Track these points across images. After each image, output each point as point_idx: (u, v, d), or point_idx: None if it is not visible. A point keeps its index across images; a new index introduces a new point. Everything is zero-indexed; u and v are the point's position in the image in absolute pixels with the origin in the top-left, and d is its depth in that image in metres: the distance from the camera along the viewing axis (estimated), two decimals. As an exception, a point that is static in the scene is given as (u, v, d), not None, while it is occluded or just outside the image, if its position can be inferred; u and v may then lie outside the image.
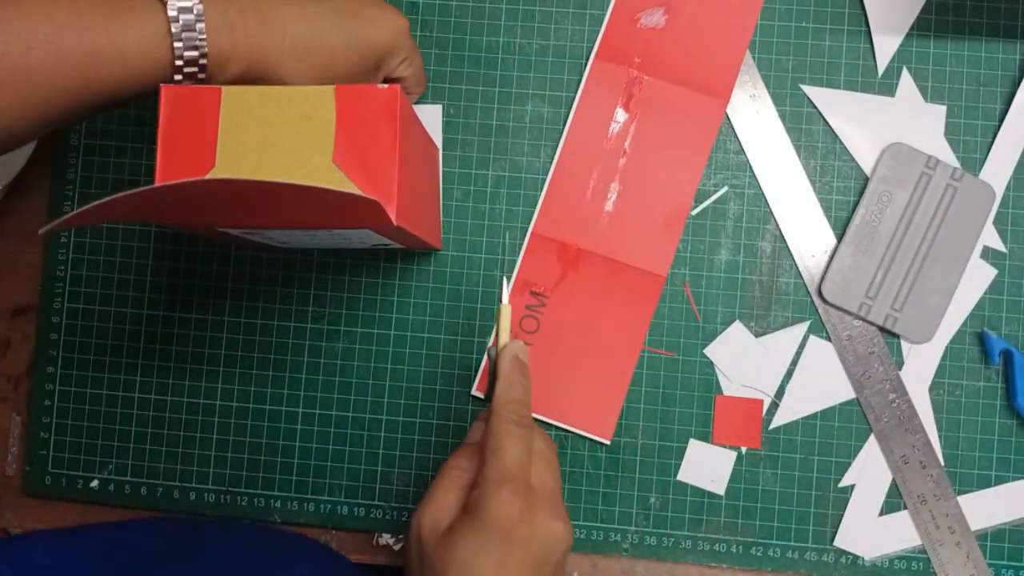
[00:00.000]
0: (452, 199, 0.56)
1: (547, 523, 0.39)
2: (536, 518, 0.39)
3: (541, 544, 0.39)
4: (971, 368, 0.54)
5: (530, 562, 0.38)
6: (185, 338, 0.57)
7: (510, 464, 0.39)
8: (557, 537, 0.39)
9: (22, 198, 0.58)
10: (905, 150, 0.53)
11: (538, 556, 0.39)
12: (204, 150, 0.40)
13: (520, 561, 0.38)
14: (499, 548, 0.38)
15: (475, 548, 0.38)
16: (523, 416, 0.42)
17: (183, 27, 0.39)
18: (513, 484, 0.39)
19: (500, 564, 0.38)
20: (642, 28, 0.55)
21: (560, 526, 0.40)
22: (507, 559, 0.38)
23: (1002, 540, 0.53)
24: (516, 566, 0.38)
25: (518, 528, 0.38)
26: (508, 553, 0.38)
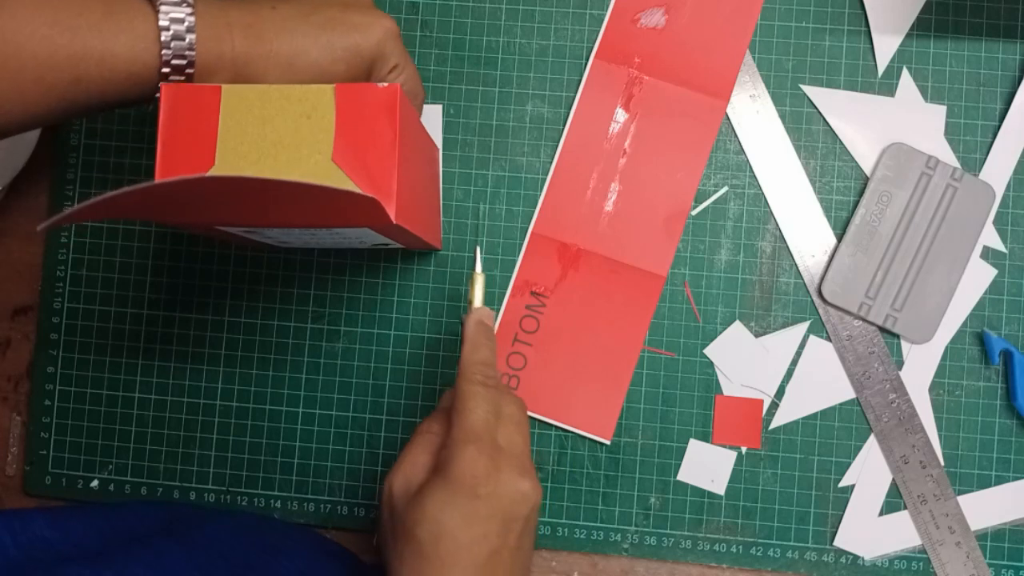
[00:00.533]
0: (452, 199, 0.56)
1: (513, 480, 0.40)
2: (502, 475, 0.40)
3: (508, 500, 0.40)
4: (971, 368, 0.54)
5: (497, 517, 0.40)
6: (185, 338, 0.57)
7: (476, 423, 0.41)
8: (524, 494, 0.41)
9: (22, 198, 0.58)
10: (905, 150, 0.53)
11: (505, 512, 0.40)
12: (204, 149, 0.40)
13: (487, 516, 0.40)
14: (465, 504, 0.39)
15: (442, 504, 0.39)
16: (489, 377, 0.44)
17: (173, 36, 0.40)
18: (479, 442, 0.40)
19: (466, 519, 0.39)
20: (642, 28, 0.55)
21: (527, 484, 0.41)
22: (473, 514, 0.39)
23: (1002, 540, 0.53)
24: (483, 521, 0.40)
25: (484, 484, 0.40)
26: (474, 508, 0.39)
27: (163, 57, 0.40)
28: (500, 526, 0.40)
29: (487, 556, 0.40)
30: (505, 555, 0.40)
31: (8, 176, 0.55)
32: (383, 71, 0.48)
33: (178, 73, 0.41)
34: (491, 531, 0.40)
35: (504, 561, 0.40)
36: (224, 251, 0.57)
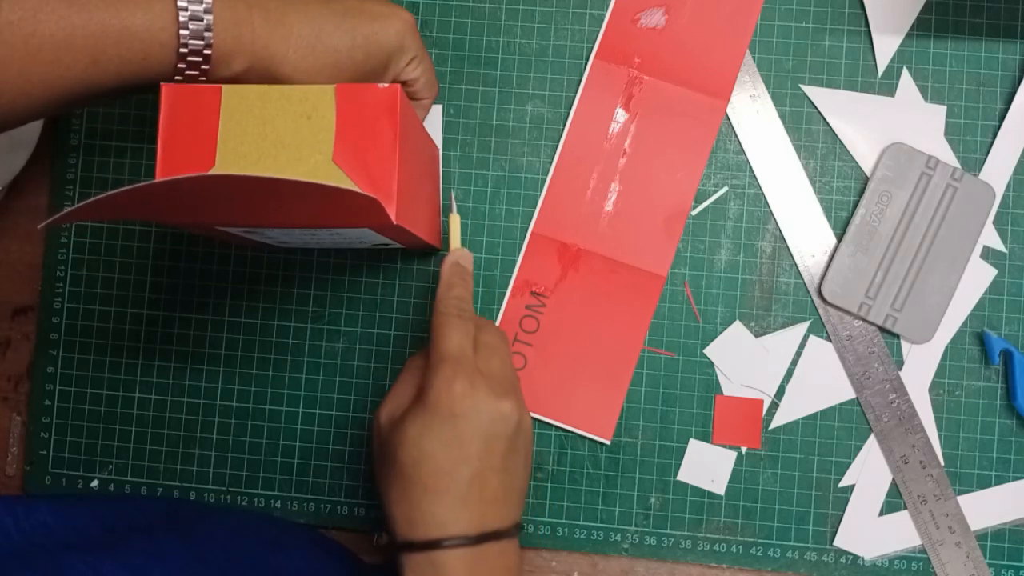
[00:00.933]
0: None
1: (491, 400, 0.41)
2: (479, 395, 0.41)
3: (487, 420, 0.41)
4: (971, 368, 0.54)
5: (477, 436, 0.40)
6: (185, 338, 0.57)
7: (451, 348, 0.42)
8: (503, 413, 0.41)
9: (22, 198, 0.58)
10: (905, 150, 0.54)
11: (485, 432, 0.41)
12: (204, 149, 0.40)
13: (468, 436, 0.40)
14: (444, 425, 0.40)
15: (422, 428, 0.40)
16: (463, 309, 0.44)
17: (191, 16, 0.40)
18: (454, 364, 0.41)
19: (445, 441, 0.40)
20: (642, 28, 0.55)
21: (507, 404, 0.41)
22: (452, 436, 0.40)
23: (1002, 540, 0.53)
24: (463, 442, 0.40)
25: (461, 404, 0.40)
26: (453, 429, 0.40)
27: (181, 37, 0.40)
28: (481, 447, 0.40)
29: (470, 478, 0.40)
30: (490, 477, 0.41)
31: (8, 176, 0.55)
32: (401, 63, 0.48)
33: (196, 55, 0.40)
34: (471, 452, 0.40)
35: (489, 483, 0.41)
36: (224, 251, 0.57)
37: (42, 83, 0.38)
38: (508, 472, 0.42)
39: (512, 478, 0.42)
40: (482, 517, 0.41)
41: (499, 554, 0.41)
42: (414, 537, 0.40)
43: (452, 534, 0.40)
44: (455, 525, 0.40)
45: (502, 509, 0.42)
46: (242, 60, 0.42)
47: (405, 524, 0.41)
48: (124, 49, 0.39)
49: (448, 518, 0.40)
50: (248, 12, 0.42)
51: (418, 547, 0.40)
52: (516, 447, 0.42)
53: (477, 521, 0.40)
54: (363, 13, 0.46)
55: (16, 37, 0.37)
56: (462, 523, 0.40)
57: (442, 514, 0.40)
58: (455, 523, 0.40)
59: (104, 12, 0.39)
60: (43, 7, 0.37)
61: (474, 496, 0.40)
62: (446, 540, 0.39)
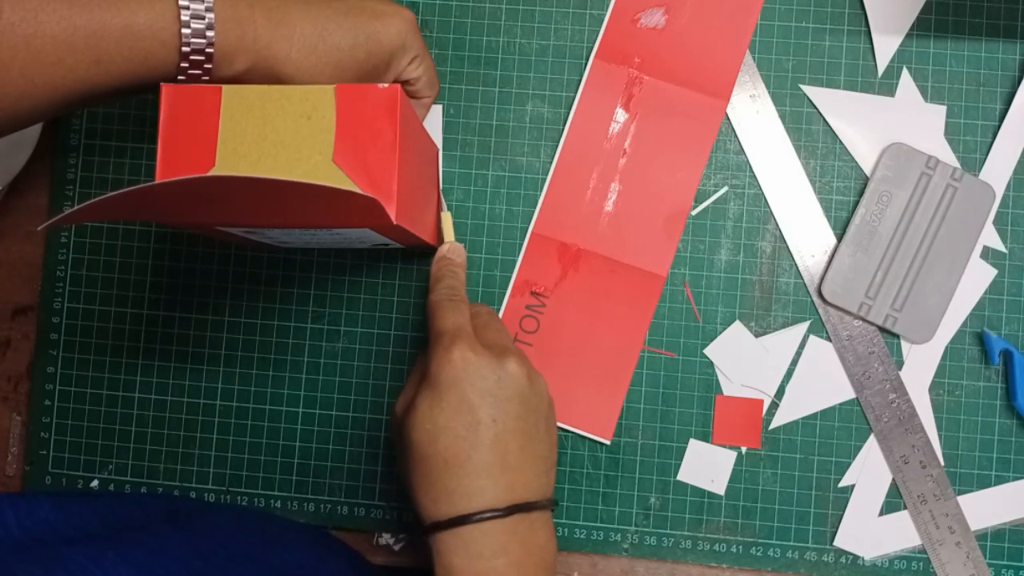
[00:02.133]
0: (452, 199, 0.56)
1: (492, 361, 0.41)
2: (481, 359, 0.41)
3: (493, 380, 0.40)
4: (971, 368, 0.54)
5: (487, 398, 0.40)
6: (185, 338, 0.57)
7: (447, 323, 0.42)
8: (509, 371, 0.41)
9: (22, 198, 0.58)
10: (905, 150, 0.54)
11: (493, 392, 0.40)
12: (204, 149, 0.40)
13: (477, 401, 0.40)
14: (451, 394, 0.40)
15: (431, 402, 0.40)
16: (454, 295, 0.45)
17: (192, 15, 0.40)
18: (451, 336, 0.41)
19: (456, 408, 0.40)
20: (642, 28, 0.55)
21: (512, 362, 0.41)
22: (461, 401, 0.40)
23: (1002, 540, 0.53)
24: (473, 406, 0.40)
25: (463, 369, 0.40)
26: (460, 395, 0.40)
27: (183, 36, 0.40)
28: (493, 408, 0.40)
29: (489, 443, 0.39)
30: (509, 441, 0.40)
31: (8, 176, 0.55)
32: (403, 62, 0.49)
33: (199, 54, 0.40)
34: (485, 415, 0.40)
35: (510, 447, 0.40)
36: (224, 251, 0.57)
37: (45, 84, 0.38)
38: (527, 435, 0.41)
39: (533, 442, 0.41)
40: (508, 486, 0.40)
41: (530, 530, 0.40)
42: (440, 515, 0.39)
43: (479, 507, 0.39)
44: (481, 495, 0.39)
45: (529, 477, 0.41)
46: (244, 59, 0.42)
47: (430, 504, 0.40)
48: (126, 49, 0.39)
49: (472, 488, 0.39)
50: (250, 11, 0.42)
51: (445, 525, 0.39)
52: (530, 406, 0.42)
53: (504, 490, 0.39)
54: (365, 12, 0.46)
55: (18, 39, 0.37)
56: (488, 492, 0.39)
57: (465, 485, 0.39)
58: (480, 492, 0.39)
59: (106, 12, 0.39)
60: (44, 8, 0.37)
61: (496, 462, 0.39)
62: (474, 514, 0.39)
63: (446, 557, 0.39)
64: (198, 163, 0.40)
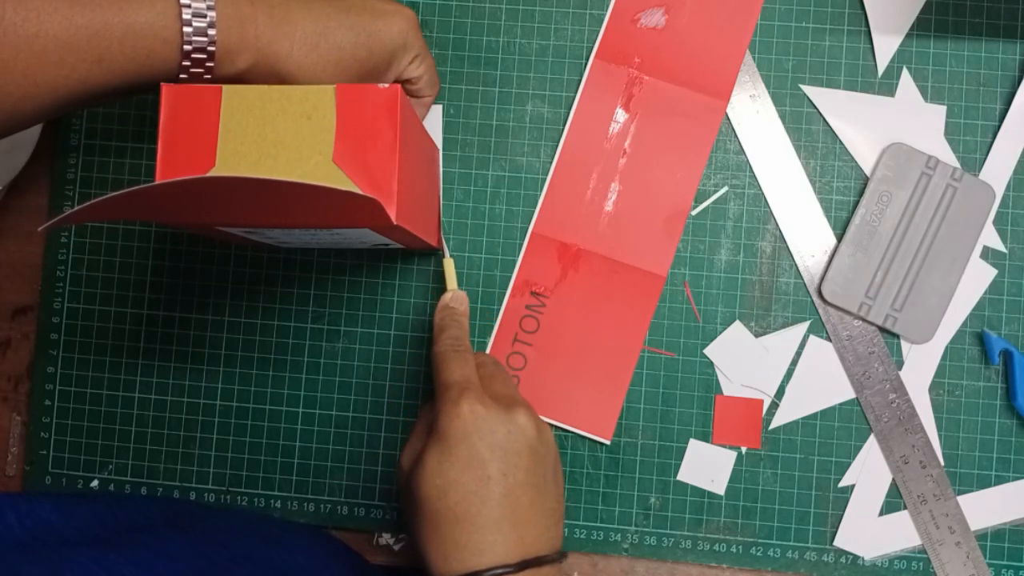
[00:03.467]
0: (452, 199, 0.56)
1: (502, 414, 0.40)
2: (491, 412, 0.40)
3: (502, 436, 0.40)
4: (971, 368, 0.54)
5: (497, 452, 0.40)
6: (185, 338, 0.57)
7: (452, 378, 0.42)
8: (519, 426, 0.40)
9: (22, 198, 0.58)
10: (905, 150, 0.54)
11: (503, 445, 0.40)
12: (204, 149, 0.40)
13: (487, 454, 0.39)
14: (460, 448, 0.39)
15: (440, 456, 0.40)
16: (459, 344, 0.45)
17: (194, 13, 0.40)
18: (459, 388, 0.41)
19: (467, 463, 0.39)
20: (642, 28, 0.55)
21: (521, 415, 0.41)
22: (471, 456, 0.39)
23: (1002, 540, 0.53)
24: (483, 460, 0.39)
25: (472, 422, 0.40)
26: (470, 449, 0.39)
27: (184, 35, 0.40)
28: (503, 462, 0.39)
29: (499, 497, 0.39)
30: (519, 494, 0.39)
31: (8, 176, 0.55)
32: (404, 61, 0.48)
33: (201, 52, 0.40)
34: (495, 469, 0.39)
35: (520, 501, 0.39)
36: (224, 251, 0.57)
37: (47, 84, 0.38)
38: (537, 488, 0.40)
39: (543, 496, 0.41)
40: (519, 541, 0.39)
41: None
42: (450, 571, 0.38)
43: (491, 563, 0.38)
44: (492, 551, 0.38)
45: (539, 531, 0.40)
46: (246, 57, 0.42)
47: (440, 560, 0.39)
48: (128, 48, 0.39)
49: (483, 543, 0.38)
50: (252, 9, 0.42)
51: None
52: (540, 459, 0.41)
53: (514, 545, 0.39)
54: (366, 11, 0.46)
55: (20, 39, 0.37)
56: (499, 548, 0.38)
57: (476, 540, 0.38)
58: (491, 548, 0.38)
59: (107, 11, 0.38)
60: (46, 7, 0.37)
61: (506, 517, 0.39)
62: (485, 570, 0.38)
63: None
64: (198, 163, 0.40)
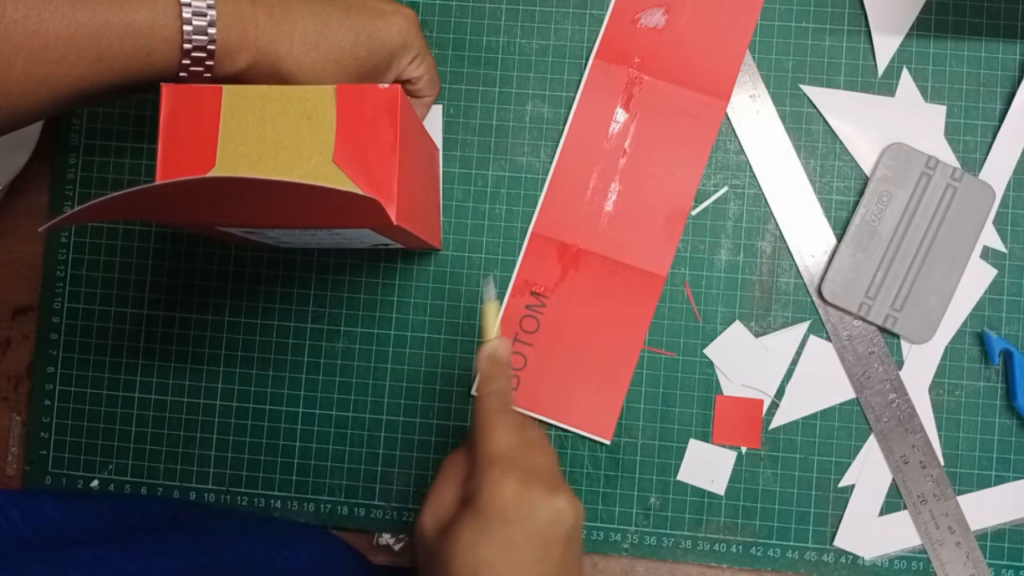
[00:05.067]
0: (452, 199, 0.56)
1: (546, 499, 0.38)
2: (534, 496, 0.38)
3: (544, 522, 0.38)
4: (971, 368, 0.54)
5: (535, 541, 0.38)
6: (185, 338, 0.57)
7: (499, 446, 0.40)
8: (560, 512, 0.39)
9: (22, 198, 0.58)
10: (905, 150, 0.54)
11: (542, 534, 0.38)
12: (204, 149, 0.40)
13: (524, 541, 0.38)
14: (499, 530, 0.38)
15: (476, 535, 0.38)
16: (505, 404, 0.42)
17: (194, 12, 0.40)
18: (504, 464, 0.39)
19: (503, 547, 0.37)
20: (642, 28, 0.55)
21: (562, 501, 0.39)
22: (509, 541, 0.37)
23: (1002, 540, 0.53)
24: (520, 547, 0.38)
25: (515, 508, 0.38)
26: (509, 535, 0.37)
27: (184, 33, 0.40)
28: (540, 550, 0.38)
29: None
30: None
31: (8, 176, 0.55)
32: (404, 61, 0.48)
33: (201, 51, 0.40)
34: (530, 557, 0.38)
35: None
36: (224, 251, 0.57)
37: (47, 81, 0.38)
38: (567, 573, 0.39)
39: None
40: None
41: None
42: None
43: None
44: None
45: None
46: (246, 56, 0.42)
47: None
48: (128, 46, 0.39)
49: None
50: (252, 8, 0.42)
51: None
52: (573, 546, 0.40)
53: None
54: (366, 10, 0.46)
55: (20, 36, 0.37)
56: None
57: None
58: None
59: (108, 9, 0.38)
60: (46, 5, 0.37)
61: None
62: None
63: None
64: (198, 163, 0.40)
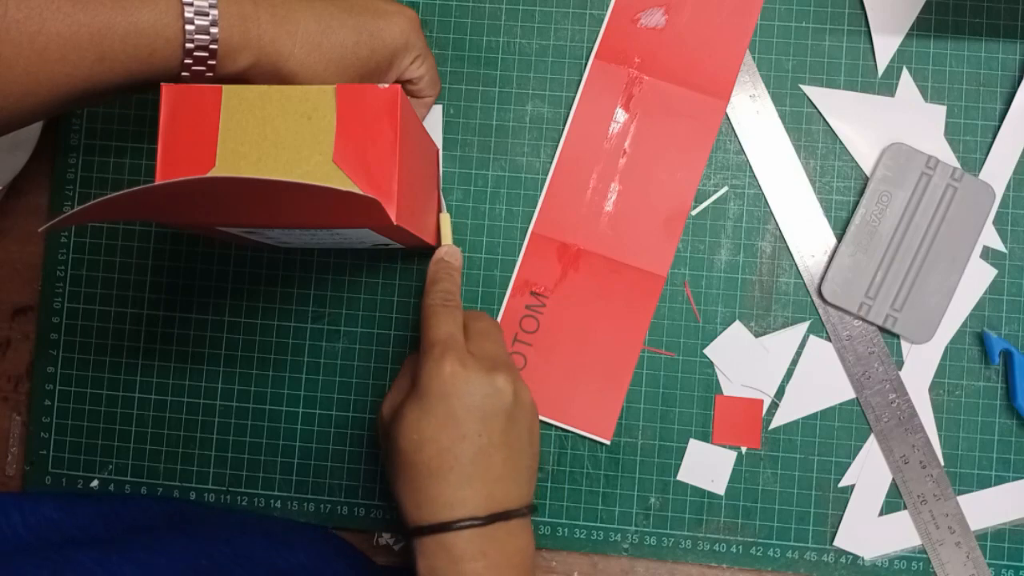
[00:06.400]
0: (452, 199, 0.56)
1: (481, 375, 0.41)
2: (470, 373, 0.41)
3: (480, 396, 0.41)
4: (971, 368, 0.54)
5: (473, 413, 0.41)
6: (185, 338, 0.57)
7: (439, 334, 0.43)
8: (497, 388, 0.42)
9: (22, 198, 0.58)
10: (905, 150, 0.54)
11: (480, 407, 0.41)
12: (204, 149, 0.40)
13: (463, 414, 0.41)
14: (438, 405, 0.41)
15: (419, 412, 0.41)
16: (449, 299, 0.45)
17: (196, 12, 0.40)
18: (442, 347, 0.42)
19: (442, 420, 0.41)
20: (642, 28, 0.55)
21: (501, 379, 0.42)
22: (448, 415, 0.41)
23: (1002, 540, 0.53)
24: (459, 418, 0.41)
25: (452, 383, 0.41)
26: (448, 409, 0.41)
27: (186, 33, 0.40)
28: (479, 423, 0.41)
29: (472, 455, 0.41)
30: (493, 453, 0.41)
31: (8, 176, 0.55)
32: (405, 61, 0.49)
33: (203, 51, 0.40)
34: (470, 430, 0.41)
35: (493, 460, 0.41)
36: (224, 251, 0.57)
37: (49, 81, 0.38)
38: (511, 448, 0.42)
39: (517, 455, 0.43)
40: (489, 496, 0.41)
41: (509, 534, 0.41)
42: (422, 521, 0.40)
43: (460, 516, 0.40)
44: (462, 506, 0.40)
45: (510, 487, 0.42)
46: (248, 56, 0.42)
47: (413, 509, 0.41)
48: (130, 46, 0.39)
49: (454, 498, 0.40)
50: (254, 8, 0.42)
51: (427, 531, 0.40)
52: (516, 421, 0.43)
53: (484, 500, 0.41)
54: (368, 11, 0.46)
55: (22, 35, 0.37)
56: (469, 503, 0.40)
57: (448, 494, 0.40)
58: (462, 503, 0.40)
59: (110, 9, 0.38)
60: (49, 5, 0.37)
61: (479, 474, 0.41)
62: (455, 522, 0.40)
63: (428, 559, 0.40)
64: (198, 163, 0.40)
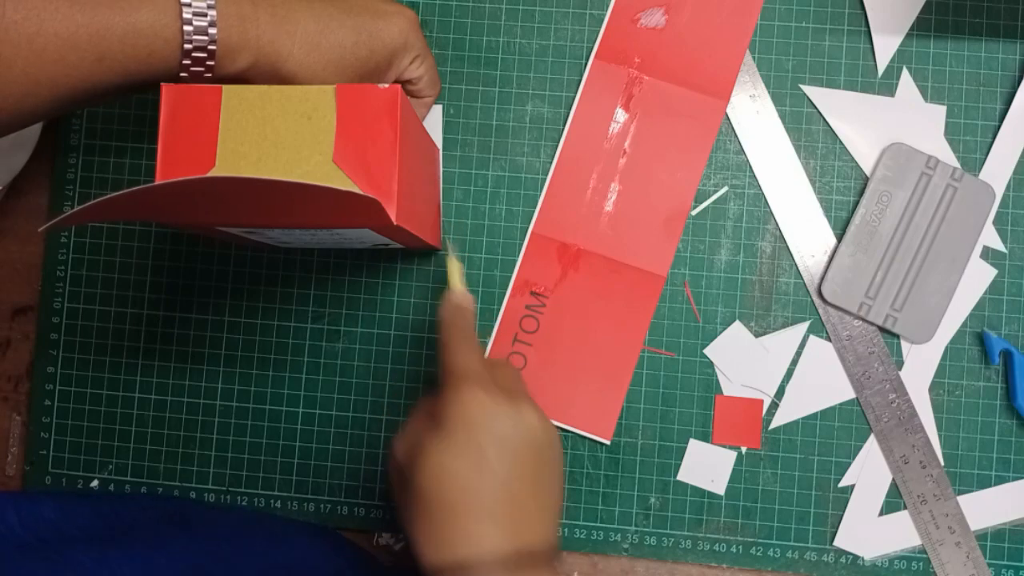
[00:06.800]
0: (452, 199, 0.56)
1: (509, 407, 0.39)
2: (499, 405, 0.39)
3: (508, 427, 0.38)
4: (971, 368, 0.54)
5: (500, 446, 0.38)
6: (185, 338, 0.57)
7: (462, 363, 0.40)
8: (525, 420, 0.39)
9: (22, 198, 0.58)
10: (905, 150, 0.54)
11: (508, 439, 0.38)
12: (204, 149, 0.40)
13: (489, 446, 0.38)
14: (462, 436, 0.38)
15: (441, 445, 0.38)
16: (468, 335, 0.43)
17: (194, 12, 0.40)
18: (465, 378, 0.39)
19: (467, 453, 0.38)
20: (642, 28, 0.55)
21: (527, 409, 0.39)
22: (473, 446, 0.38)
23: (1002, 540, 0.53)
24: (485, 451, 0.38)
25: (478, 414, 0.38)
26: (473, 439, 0.38)
27: (185, 34, 0.40)
28: (504, 454, 0.38)
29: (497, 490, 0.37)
30: (519, 490, 0.38)
31: (8, 176, 0.55)
32: (405, 61, 0.49)
33: (201, 51, 0.40)
34: (495, 464, 0.38)
35: (519, 497, 0.38)
36: (224, 251, 0.57)
37: (47, 82, 0.38)
38: (537, 484, 0.39)
39: (542, 492, 0.39)
40: (514, 534, 0.37)
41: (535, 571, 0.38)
42: (441, 560, 0.37)
43: (482, 552, 0.37)
44: (485, 542, 0.37)
45: (534, 525, 0.39)
46: (247, 56, 0.42)
47: (432, 547, 0.37)
48: (129, 47, 0.39)
49: (476, 534, 0.37)
50: (253, 8, 0.42)
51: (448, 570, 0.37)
52: (544, 458, 0.40)
53: (510, 538, 0.37)
54: (367, 11, 0.46)
55: (21, 36, 0.37)
56: (493, 539, 0.37)
57: (471, 530, 0.37)
58: (485, 539, 0.37)
59: (108, 10, 0.38)
60: (47, 6, 0.37)
61: (503, 512, 0.38)
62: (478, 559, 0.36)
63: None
64: (198, 163, 0.40)
